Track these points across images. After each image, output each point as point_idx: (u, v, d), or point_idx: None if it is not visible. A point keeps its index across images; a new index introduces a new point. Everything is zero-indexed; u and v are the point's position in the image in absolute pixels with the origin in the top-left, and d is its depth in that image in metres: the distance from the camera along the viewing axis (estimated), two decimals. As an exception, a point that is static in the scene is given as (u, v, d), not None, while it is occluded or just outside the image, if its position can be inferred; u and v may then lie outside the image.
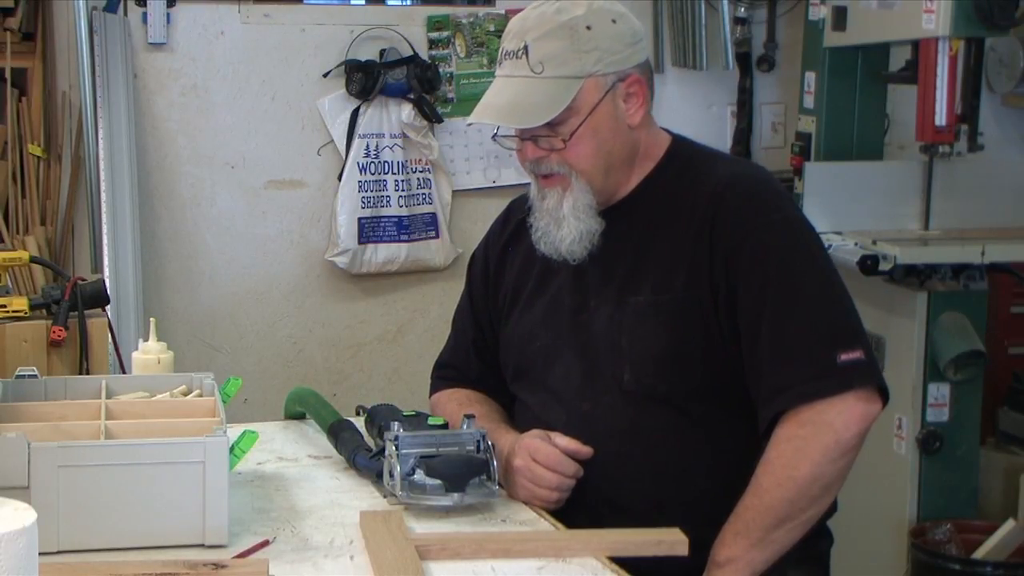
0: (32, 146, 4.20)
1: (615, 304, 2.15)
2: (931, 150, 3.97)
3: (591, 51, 2.10)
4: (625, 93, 2.14)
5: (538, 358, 2.25)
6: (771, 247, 2.07)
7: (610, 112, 2.13)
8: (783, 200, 2.17)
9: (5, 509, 1.30)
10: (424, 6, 4.74)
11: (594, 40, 2.11)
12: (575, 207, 2.13)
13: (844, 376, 2.01)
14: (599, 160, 2.14)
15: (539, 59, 2.10)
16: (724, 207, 2.09)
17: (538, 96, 2.10)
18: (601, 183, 2.15)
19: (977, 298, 3.85)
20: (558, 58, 2.10)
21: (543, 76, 2.10)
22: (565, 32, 2.10)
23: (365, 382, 4.70)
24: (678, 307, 2.09)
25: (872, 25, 4.05)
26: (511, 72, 2.13)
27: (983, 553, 3.63)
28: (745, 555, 2.01)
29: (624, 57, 2.13)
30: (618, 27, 2.13)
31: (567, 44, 2.10)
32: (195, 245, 4.56)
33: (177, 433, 1.91)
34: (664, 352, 2.10)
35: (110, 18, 4.26)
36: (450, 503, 2.00)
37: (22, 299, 2.72)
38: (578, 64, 2.10)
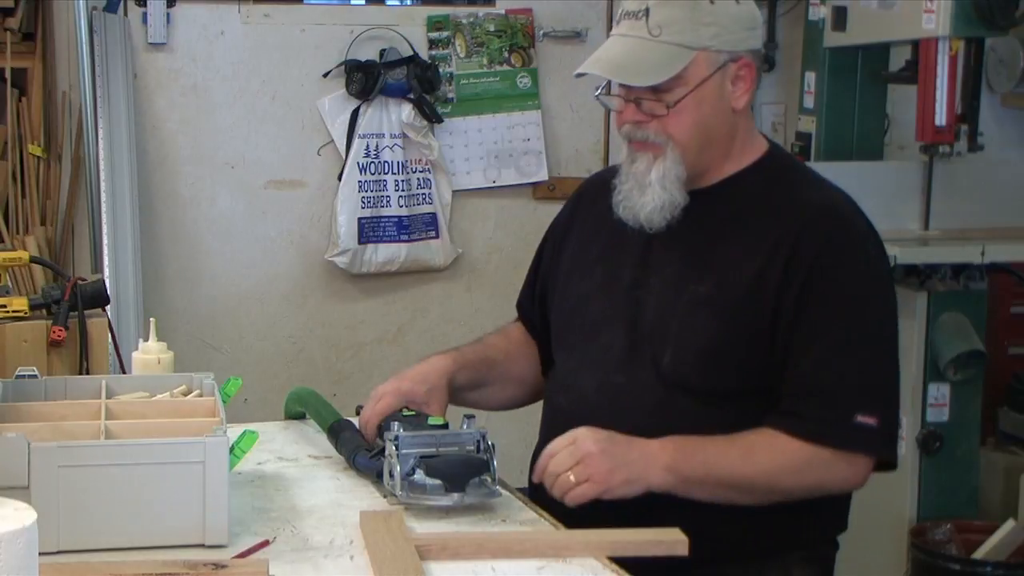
0: (32, 146, 4.20)
1: (674, 288, 2.15)
2: (931, 150, 3.97)
3: (710, 25, 2.10)
4: (735, 75, 2.14)
5: (586, 324, 2.26)
6: (846, 288, 2.09)
7: (717, 89, 2.13)
8: (869, 241, 2.16)
9: (5, 509, 1.30)
10: (424, 6, 4.74)
11: (715, 15, 2.10)
12: (664, 176, 2.12)
13: (852, 436, 2.05)
14: (697, 134, 2.13)
15: (658, 22, 2.09)
16: (813, 234, 2.10)
17: (652, 58, 2.09)
18: (694, 158, 2.14)
19: (977, 298, 3.85)
20: (677, 25, 2.09)
21: (659, 39, 2.09)
22: (688, 2, 2.10)
23: (365, 382, 4.70)
24: (736, 307, 2.10)
25: (872, 25, 4.05)
26: (628, 31, 2.12)
27: (983, 553, 3.63)
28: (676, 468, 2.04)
29: (740, 39, 2.13)
30: (740, 8, 2.13)
31: (688, 13, 2.10)
32: (195, 245, 4.56)
33: (177, 433, 1.91)
34: (709, 346, 2.11)
35: (110, 18, 4.26)
36: (450, 503, 2.00)
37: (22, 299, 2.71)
38: (695, 35, 2.09)
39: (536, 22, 4.77)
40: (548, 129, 4.80)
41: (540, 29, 4.78)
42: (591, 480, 2.01)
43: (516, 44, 4.74)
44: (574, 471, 2.02)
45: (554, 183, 4.83)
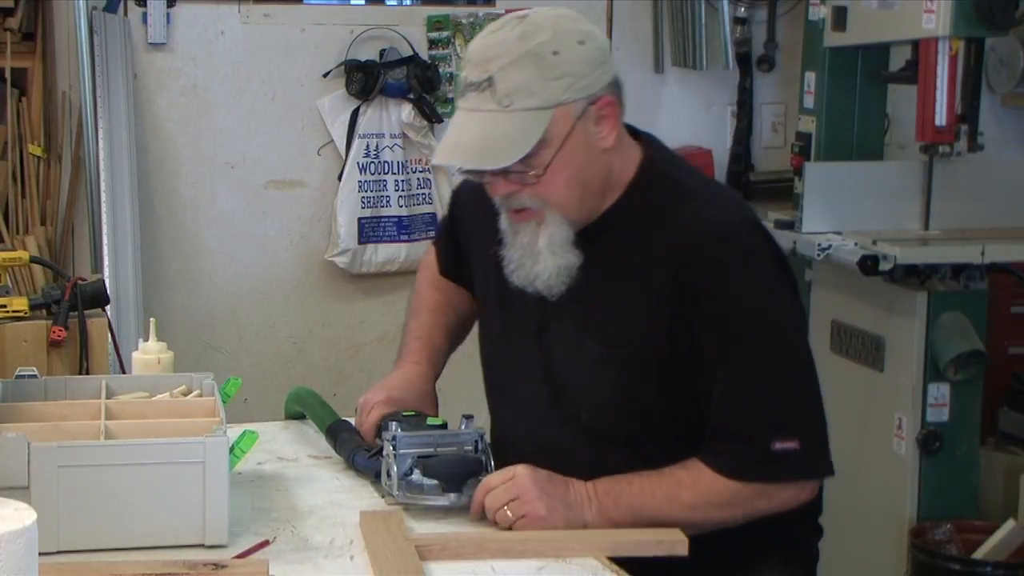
0: (32, 146, 4.20)
1: (574, 341, 2.08)
2: (931, 150, 3.97)
3: (560, 78, 1.97)
4: (597, 116, 2.01)
5: (504, 369, 2.22)
6: (737, 315, 1.98)
7: (583, 139, 2.00)
8: (756, 256, 2.04)
9: (5, 509, 1.30)
10: (424, 6, 4.74)
11: (562, 66, 1.97)
12: (551, 242, 2.03)
13: (775, 466, 1.98)
14: (574, 191, 2.02)
15: (506, 91, 1.96)
16: (691, 261, 1.99)
17: (507, 132, 1.97)
18: (576, 214, 2.04)
19: (977, 298, 3.85)
20: (526, 89, 1.96)
21: (511, 109, 1.96)
22: (531, 60, 1.96)
23: (365, 382, 4.67)
24: (634, 360, 2.03)
25: (872, 25, 4.05)
26: (477, 106, 1.99)
27: (983, 553, 3.63)
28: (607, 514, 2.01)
29: (594, 80, 2.00)
30: (586, 48, 2.00)
31: (534, 73, 1.96)
32: (195, 245, 4.56)
33: (177, 433, 1.91)
34: (619, 401, 2.05)
35: (110, 18, 4.26)
36: (447, 503, 2.00)
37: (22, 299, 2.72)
38: (548, 94, 1.96)
39: (536, 22, 4.76)
40: (548, 129, 4.80)
41: (540, 29, 4.77)
42: (528, 517, 1.97)
43: (516, 44, 4.73)
44: (511, 507, 1.97)
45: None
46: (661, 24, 4.85)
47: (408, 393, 2.26)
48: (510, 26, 2.01)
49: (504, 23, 2.03)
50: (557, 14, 2.04)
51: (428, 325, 2.40)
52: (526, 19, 2.01)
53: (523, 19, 2.01)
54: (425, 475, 2.02)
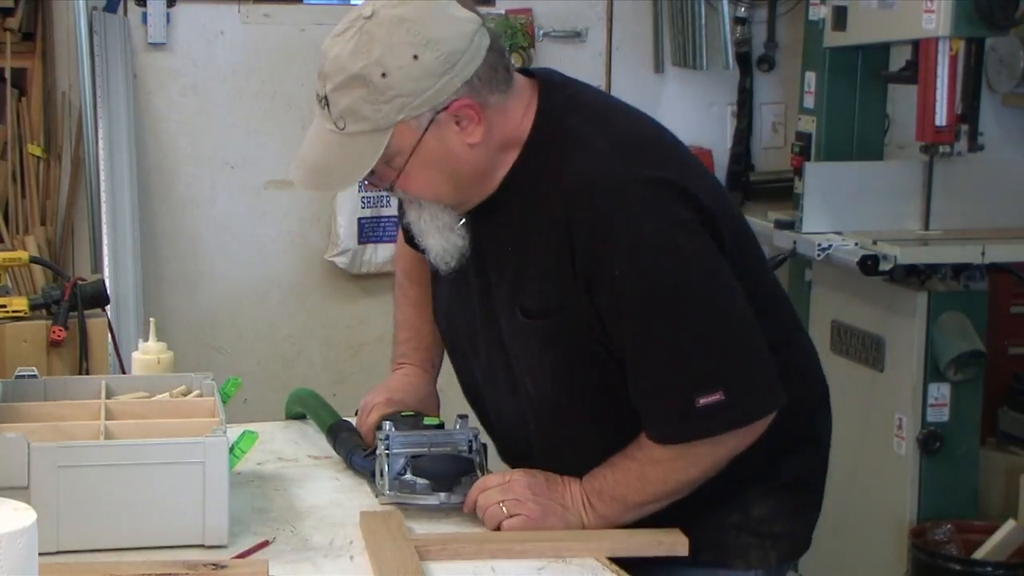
0: (32, 146, 4.20)
1: (509, 311, 2.02)
2: (931, 150, 3.97)
3: (392, 99, 1.87)
4: (454, 118, 1.90)
5: (461, 337, 2.17)
6: (627, 274, 1.89)
7: (438, 143, 1.91)
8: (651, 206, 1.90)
9: (5, 509, 1.30)
10: (424, 6, 4.74)
11: (393, 87, 1.86)
12: (433, 224, 1.99)
13: (703, 422, 1.91)
14: (440, 185, 1.95)
15: (340, 113, 1.90)
16: (577, 221, 1.90)
17: (343, 156, 1.91)
18: (453, 200, 1.98)
19: (977, 298, 3.85)
20: (357, 112, 1.88)
21: (346, 132, 1.90)
22: (359, 83, 1.88)
23: (365, 382, 4.69)
24: (556, 329, 1.97)
25: (872, 25, 4.05)
26: (320, 123, 1.95)
27: (983, 553, 3.64)
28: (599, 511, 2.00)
29: (436, 91, 1.87)
30: (422, 62, 1.86)
31: (363, 96, 1.88)
32: (195, 245, 4.56)
33: (177, 433, 1.91)
34: (555, 368, 2.01)
35: (110, 18, 4.26)
36: (437, 502, 2.01)
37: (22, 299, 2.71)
38: (380, 117, 1.88)
39: (536, 22, 4.76)
40: (548, 129, 4.80)
41: (540, 29, 4.77)
42: (521, 517, 1.96)
43: (516, 44, 4.73)
44: (505, 504, 1.96)
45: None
46: (661, 24, 4.85)
47: (409, 395, 2.26)
48: (349, 34, 1.92)
49: (347, 26, 1.93)
50: (398, 17, 1.89)
51: (415, 321, 2.36)
52: (367, 23, 1.90)
53: (366, 22, 1.90)
54: (416, 474, 2.02)
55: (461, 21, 1.91)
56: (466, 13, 1.93)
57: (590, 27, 4.82)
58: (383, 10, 1.90)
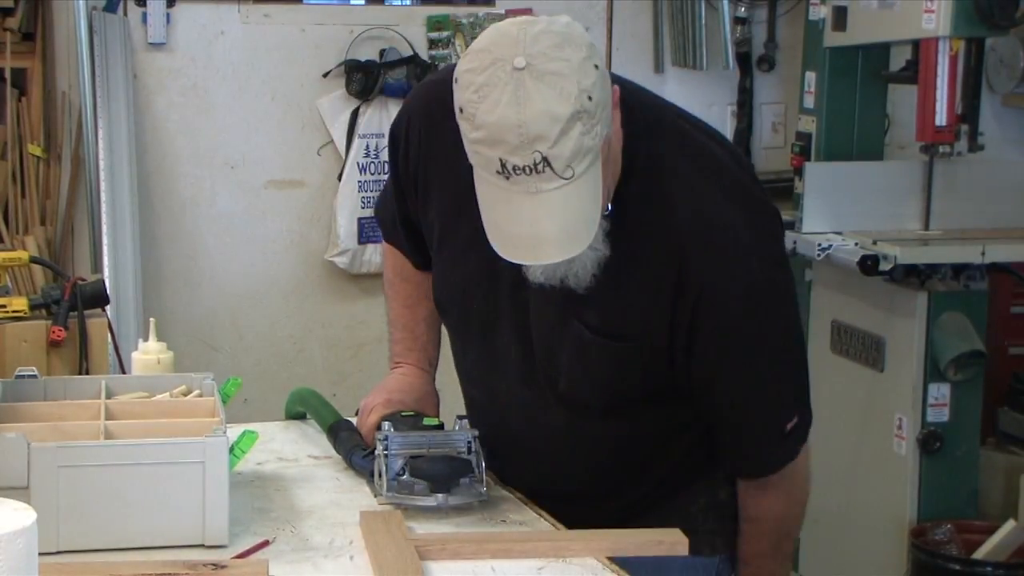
0: (32, 146, 4.20)
1: (559, 313, 1.99)
2: (931, 150, 3.97)
3: (601, 117, 1.77)
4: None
5: (473, 319, 2.11)
6: (734, 313, 1.93)
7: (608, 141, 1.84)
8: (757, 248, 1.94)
9: (5, 509, 1.30)
10: (424, 6, 4.74)
11: (599, 104, 1.76)
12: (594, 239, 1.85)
13: (790, 444, 2.07)
14: (609, 184, 1.89)
15: (566, 163, 1.73)
16: (696, 258, 1.91)
17: (582, 203, 1.78)
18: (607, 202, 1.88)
19: (977, 298, 3.85)
20: (581, 149, 1.74)
21: (576, 178, 1.75)
22: (576, 119, 1.73)
23: (365, 382, 4.70)
24: (628, 353, 1.97)
25: (872, 25, 4.05)
26: (536, 187, 1.74)
27: (983, 553, 3.63)
28: None
29: (610, 87, 1.82)
30: (600, 67, 1.79)
31: (582, 130, 1.74)
32: (195, 245, 4.56)
33: (177, 433, 1.91)
34: (603, 381, 2.02)
35: (110, 18, 4.26)
36: (435, 504, 2.00)
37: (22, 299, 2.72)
38: (597, 140, 1.77)
39: (536, 22, 4.76)
40: (548, 129, 4.80)
41: (540, 29, 4.77)
42: None
43: (516, 44, 4.73)
44: None
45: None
46: (661, 24, 4.85)
47: (408, 395, 2.26)
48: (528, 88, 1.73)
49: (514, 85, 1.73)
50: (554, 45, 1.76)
51: (408, 321, 2.35)
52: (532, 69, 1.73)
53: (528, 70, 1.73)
54: (414, 475, 2.02)
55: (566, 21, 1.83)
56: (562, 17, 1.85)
57: (590, 27, 4.82)
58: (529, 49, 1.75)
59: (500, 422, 2.15)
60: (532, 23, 1.79)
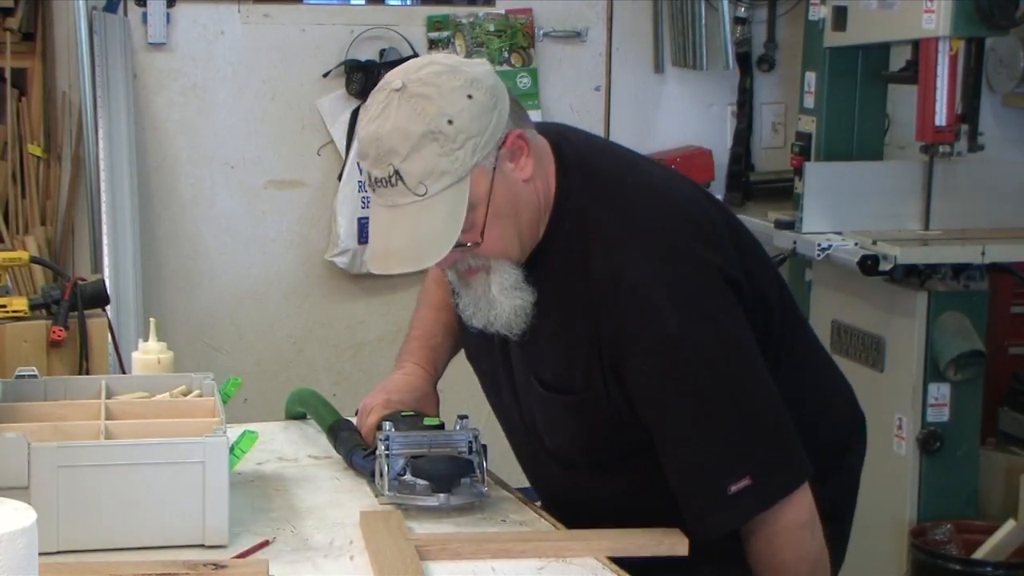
0: (32, 146, 4.20)
1: (524, 374, 2.06)
2: (931, 150, 3.97)
3: (464, 144, 1.86)
4: (510, 155, 1.92)
5: (487, 378, 2.21)
6: (653, 370, 1.92)
7: (504, 186, 1.91)
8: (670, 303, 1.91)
9: (5, 509, 1.30)
10: (424, 6, 4.74)
11: (462, 131, 1.85)
12: (503, 287, 1.96)
13: (735, 510, 1.93)
14: (512, 237, 1.95)
15: (418, 180, 1.85)
16: (607, 314, 1.93)
17: (433, 222, 1.87)
18: (519, 255, 1.97)
19: (977, 298, 3.85)
20: (435, 169, 1.85)
21: (428, 196, 1.85)
22: (429, 140, 1.84)
23: (365, 382, 4.69)
24: (580, 406, 2.00)
25: (872, 25, 4.05)
26: (393, 201, 1.87)
27: (983, 553, 3.63)
28: None
29: (495, 126, 1.89)
30: (476, 99, 1.87)
31: (437, 151, 1.84)
32: (195, 245, 4.56)
33: (177, 433, 1.91)
34: (575, 436, 2.04)
35: (110, 18, 4.26)
36: (436, 503, 2.00)
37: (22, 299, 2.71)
38: (457, 166, 1.85)
39: (536, 22, 4.77)
40: (548, 129, 4.80)
41: (540, 29, 4.78)
42: None
43: (516, 44, 4.74)
44: None
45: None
46: (661, 24, 4.85)
47: (407, 395, 2.26)
48: (394, 106, 1.87)
49: (384, 103, 1.87)
50: (434, 73, 1.88)
51: (428, 323, 2.38)
52: (404, 91, 1.87)
53: (401, 91, 1.87)
54: (415, 475, 2.02)
55: (477, 63, 1.94)
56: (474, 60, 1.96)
57: (590, 27, 4.82)
58: (411, 75, 1.89)
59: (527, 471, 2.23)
60: (444, 58, 1.93)
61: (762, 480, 1.92)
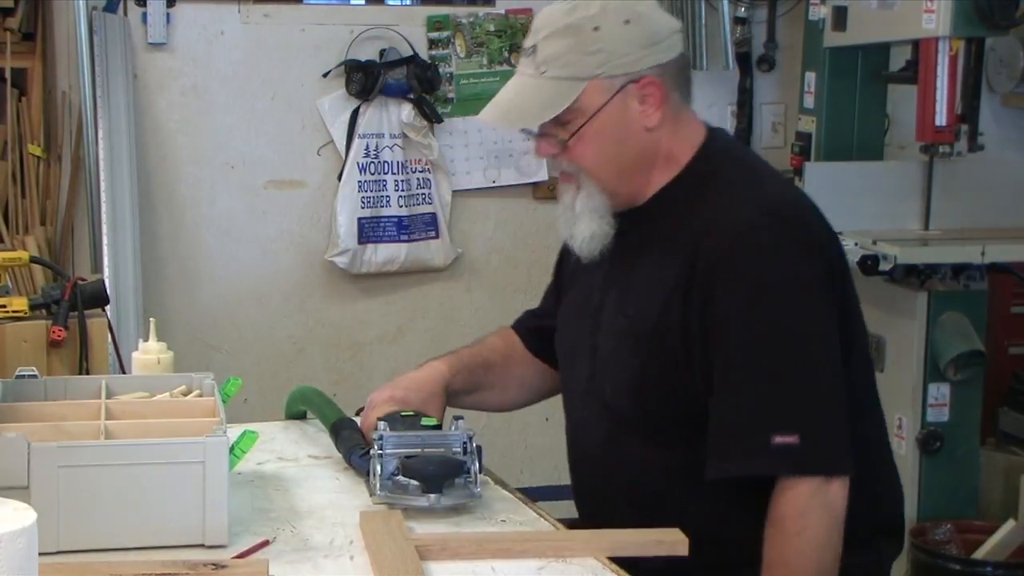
0: (32, 146, 4.20)
1: (613, 316, 2.13)
2: (931, 150, 3.97)
3: (596, 53, 2.04)
4: (639, 95, 2.06)
5: (565, 351, 2.27)
6: (737, 310, 1.98)
7: (619, 114, 2.06)
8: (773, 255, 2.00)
9: (5, 509, 1.30)
10: (424, 6, 4.74)
11: (601, 42, 2.04)
12: (587, 207, 2.10)
13: (775, 459, 1.96)
14: (606, 161, 2.08)
15: (544, 59, 2.06)
16: (707, 251, 2.00)
17: (537, 97, 2.07)
18: (613, 185, 2.09)
19: (977, 298, 3.85)
20: (561, 59, 2.05)
21: (545, 76, 2.06)
22: (570, 32, 2.05)
23: (365, 382, 4.70)
24: (650, 336, 2.05)
25: (872, 25, 4.05)
26: (522, 70, 2.12)
27: (983, 553, 3.64)
28: None
29: (636, 59, 2.05)
30: (631, 28, 2.05)
31: (571, 44, 2.04)
32: (195, 245, 4.56)
33: (177, 433, 1.91)
34: (633, 379, 2.08)
35: (110, 18, 4.26)
36: (427, 504, 2.00)
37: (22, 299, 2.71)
38: (581, 66, 2.04)
39: (536, 22, 4.77)
40: (548, 129, 4.80)
41: (540, 29, 4.77)
42: None
43: (516, 44, 4.74)
44: None
45: (554, 183, 4.82)
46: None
47: (414, 393, 2.26)
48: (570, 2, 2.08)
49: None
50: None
51: (471, 348, 2.43)
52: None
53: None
54: (406, 475, 2.02)
55: (665, 15, 2.12)
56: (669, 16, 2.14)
57: (590, 27, 4.82)
58: None
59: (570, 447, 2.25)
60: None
61: (809, 445, 1.95)
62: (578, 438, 2.22)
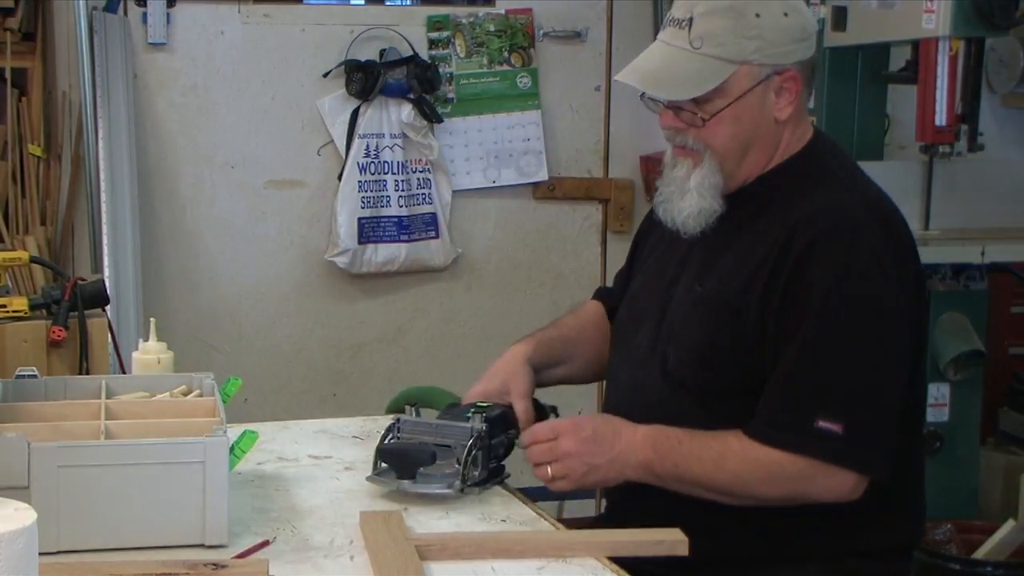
0: (32, 146, 4.20)
1: (688, 287, 2.17)
2: (931, 150, 3.96)
3: (753, 38, 2.08)
4: (779, 87, 2.11)
5: (631, 321, 2.29)
6: (822, 290, 2.01)
7: (758, 102, 2.11)
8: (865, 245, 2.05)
9: (5, 509, 1.30)
10: (424, 6, 4.74)
11: (759, 28, 2.08)
12: (702, 183, 2.13)
13: (812, 440, 1.99)
14: (735, 145, 2.12)
15: (700, 34, 2.08)
16: (800, 236, 2.05)
17: (689, 70, 2.09)
18: (733, 168, 2.14)
19: (977, 298, 3.85)
20: (718, 37, 2.08)
21: (700, 52, 2.08)
22: (732, 14, 2.08)
23: (365, 382, 4.70)
24: (726, 309, 2.08)
25: (872, 25, 4.05)
26: (670, 40, 2.12)
27: (983, 553, 3.63)
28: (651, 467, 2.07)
29: (786, 52, 2.10)
30: (788, 20, 2.10)
31: (731, 26, 2.07)
32: (195, 245, 4.56)
33: (177, 433, 1.91)
34: (701, 346, 2.11)
35: (110, 18, 4.26)
36: (394, 487, 2.07)
37: (22, 299, 2.71)
38: (737, 48, 2.08)
39: (536, 22, 4.77)
40: (548, 129, 4.80)
41: (540, 29, 4.78)
42: (567, 479, 2.08)
43: (516, 44, 4.74)
44: (552, 467, 2.08)
45: (554, 183, 4.83)
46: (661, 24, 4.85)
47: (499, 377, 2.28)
48: None
49: None
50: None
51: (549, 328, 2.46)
52: None
53: None
54: (382, 460, 2.11)
55: (810, 14, 2.17)
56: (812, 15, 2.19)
57: (590, 27, 4.82)
58: None
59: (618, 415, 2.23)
60: None
61: (852, 436, 1.98)
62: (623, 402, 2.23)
